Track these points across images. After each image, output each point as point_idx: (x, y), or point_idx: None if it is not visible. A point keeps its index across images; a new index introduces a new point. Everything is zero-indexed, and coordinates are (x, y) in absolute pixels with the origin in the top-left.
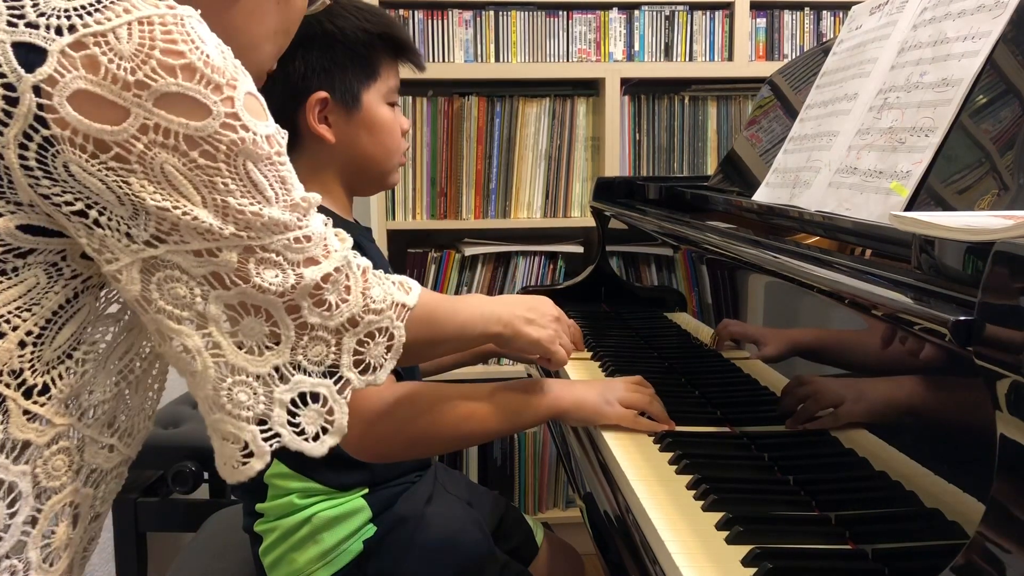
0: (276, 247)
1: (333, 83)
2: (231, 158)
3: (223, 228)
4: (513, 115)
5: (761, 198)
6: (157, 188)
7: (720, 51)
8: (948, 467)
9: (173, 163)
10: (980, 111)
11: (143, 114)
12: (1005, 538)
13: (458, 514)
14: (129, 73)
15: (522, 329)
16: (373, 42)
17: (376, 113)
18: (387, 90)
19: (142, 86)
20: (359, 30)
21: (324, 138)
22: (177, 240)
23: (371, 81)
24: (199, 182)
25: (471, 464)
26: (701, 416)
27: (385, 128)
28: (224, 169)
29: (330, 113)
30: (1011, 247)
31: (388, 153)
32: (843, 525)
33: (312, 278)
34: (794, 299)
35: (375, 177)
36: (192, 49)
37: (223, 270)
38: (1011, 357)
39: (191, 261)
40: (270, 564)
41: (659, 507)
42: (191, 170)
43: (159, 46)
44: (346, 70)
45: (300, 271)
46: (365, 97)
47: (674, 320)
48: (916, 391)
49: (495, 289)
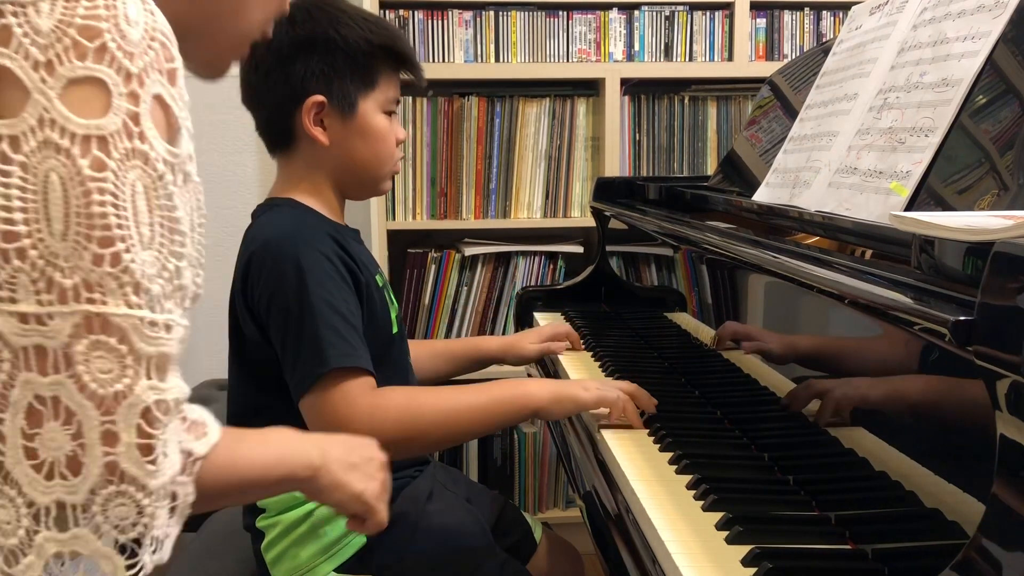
0: (123, 323)
1: (331, 88)
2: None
3: (66, 278)
4: (513, 115)
5: (761, 198)
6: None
7: (720, 51)
8: (948, 467)
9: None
10: (980, 111)
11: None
12: (1005, 538)
13: (458, 511)
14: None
15: (341, 477)
16: (374, 52)
17: (371, 121)
18: (384, 100)
19: (50, 68)
20: (361, 40)
21: (318, 140)
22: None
23: (369, 90)
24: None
25: (471, 464)
26: (701, 416)
27: (379, 136)
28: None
29: (326, 117)
30: (1011, 247)
31: (380, 161)
32: (843, 525)
33: (147, 397)
34: (794, 299)
35: (366, 183)
36: (112, 27)
37: (51, 345)
38: (1011, 357)
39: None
40: (272, 560)
41: (659, 507)
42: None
43: (77, 24)
44: (344, 77)
45: (139, 375)
46: (362, 105)
47: (674, 320)
48: (916, 391)
49: (495, 289)
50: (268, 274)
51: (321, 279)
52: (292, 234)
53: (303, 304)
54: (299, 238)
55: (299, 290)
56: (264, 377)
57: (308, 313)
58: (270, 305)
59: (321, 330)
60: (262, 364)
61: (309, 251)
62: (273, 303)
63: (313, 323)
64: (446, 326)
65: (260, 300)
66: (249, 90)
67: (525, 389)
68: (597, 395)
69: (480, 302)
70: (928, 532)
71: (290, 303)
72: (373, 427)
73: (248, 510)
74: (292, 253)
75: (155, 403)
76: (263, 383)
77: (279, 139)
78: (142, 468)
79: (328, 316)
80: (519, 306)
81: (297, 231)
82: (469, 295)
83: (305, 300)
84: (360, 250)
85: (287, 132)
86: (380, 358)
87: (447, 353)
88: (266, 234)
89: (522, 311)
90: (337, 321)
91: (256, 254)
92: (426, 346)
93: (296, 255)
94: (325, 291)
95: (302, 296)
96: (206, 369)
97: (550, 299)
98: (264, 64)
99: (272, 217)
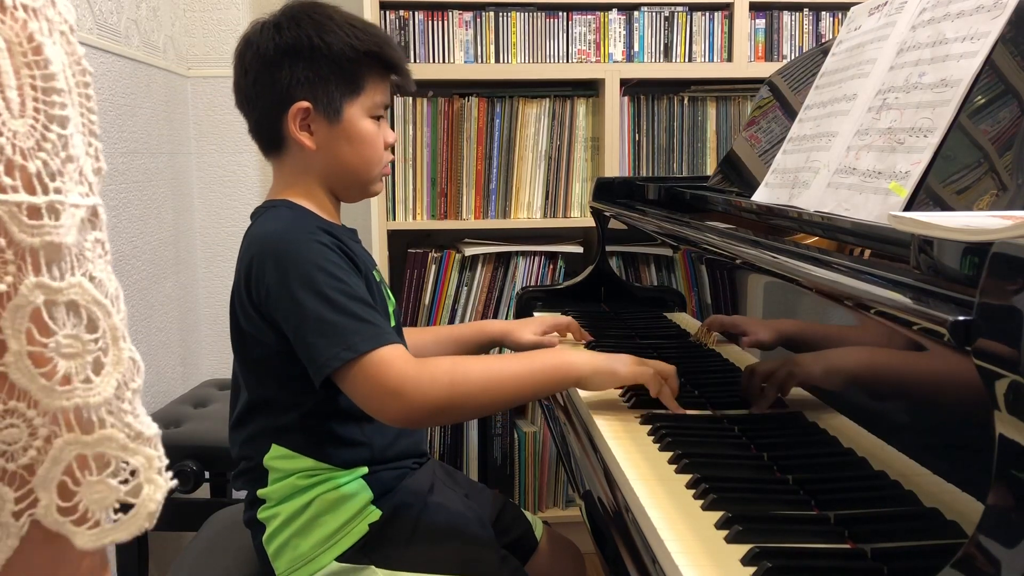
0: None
1: (316, 95)
2: None
3: None
4: (513, 115)
5: (760, 198)
6: None
7: (719, 52)
8: (947, 466)
9: None
10: (979, 111)
11: None
12: (1004, 537)
13: (458, 504)
14: None
15: None
16: (360, 59)
17: (357, 126)
18: (371, 105)
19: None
20: (347, 46)
21: (305, 145)
22: None
23: (355, 96)
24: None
25: (471, 463)
26: (701, 416)
27: (366, 141)
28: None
29: (312, 122)
30: (1009, 247)
31: (368, 165)
32: (842, 524)
33: (34, 297)
34: (793, 299)
35: (355, 186)
36: None
37: None
38: (1010, 357)
39: None
40: (274, 552)
41: (659, 506)
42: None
43: None
44: (329, 83)
45: (23, 271)
46: (347, 110)
47: (674, 320)
48: (915, 391)
49: (495, 289)
50: (272, 273)
51: (329, 269)
52: (292, 229)
53: (316, 295)
54: (299, 233)
55: (310, 283)
56: (267, 373)
57: (324, 304)
58: (279, 302)
59: (342, 318)
60: (264, 361)
61: (311, 244)
62: (283, 301)
63: (332, 313)
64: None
65: (267, 299)
66: (239, 95)
67: (568, 359)
68: (634, 371)
69: (480, 302)
70: (927, 531)
71: (302, 298)
72: (422, 390)
73: (249, 504)
74: (294, 248)
75: (44, 304)
76: (266, 379)
77: (270, 143)
78: (34, 381)
79: (343, 303)
80: (519, 306)
81: (296, 227)
82: (469, 295)
83: (318, 291)
84: (357, 248)
85: (276, 136)
86: None
87: (451, 338)
88: (267, 233)
89: (522, 311)
90: (354, 305)
91: (258, 255)
92: (430, 332)
93: (298, 249)
94: (334, 279)
95: (314, 288)
96: (206, 369)
97: (550, 299)
98: (252, 70)
99: (270, 218)
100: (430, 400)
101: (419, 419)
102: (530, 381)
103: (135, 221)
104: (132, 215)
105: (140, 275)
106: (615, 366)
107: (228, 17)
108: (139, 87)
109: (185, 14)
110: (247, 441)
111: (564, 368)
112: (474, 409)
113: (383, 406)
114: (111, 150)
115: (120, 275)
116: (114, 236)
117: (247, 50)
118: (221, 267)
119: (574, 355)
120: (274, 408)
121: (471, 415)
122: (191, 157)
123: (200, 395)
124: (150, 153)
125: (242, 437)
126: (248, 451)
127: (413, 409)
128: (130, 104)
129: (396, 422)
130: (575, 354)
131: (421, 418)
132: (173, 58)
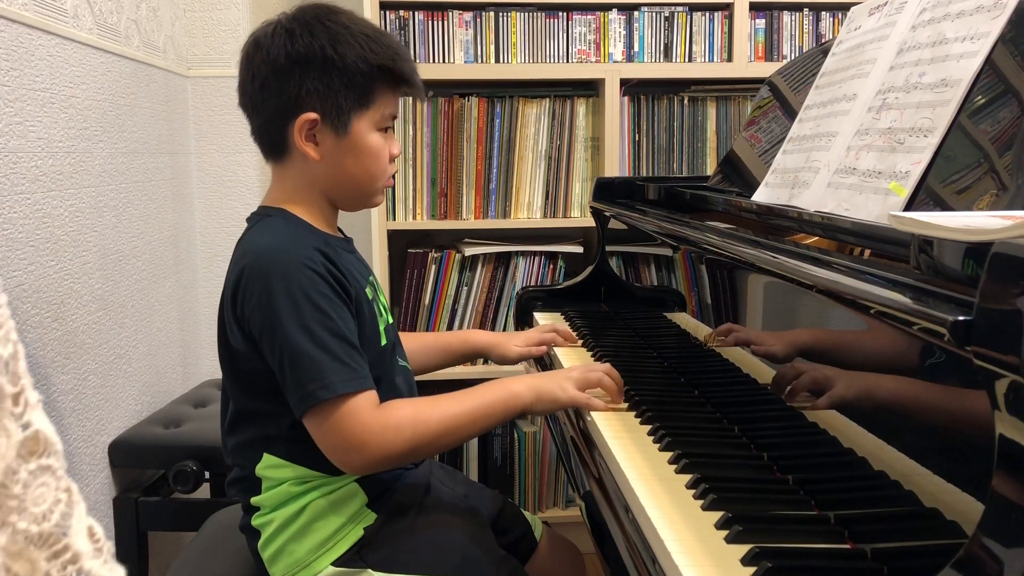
0: None
1: (325, 106)
2: None
3: None
4: (513, 115)
5: (760, 198)
6: None
7: (719, 52)
8: (947, 466)
9: None
10: (979, 111)
11: None
12: (1004, 537)
13: (457, 505)
14: None
15: None
16: (372, 73)
17: (364, 139)
18: (380, 118)
19: None
20: (360, 59)
21: (309, 156)
22: None
23: (364, 109)
24: None
25: (471, 463)
26: (700, 415)
27: (372, 154)
28: None
29: (319, 133)
30: (1009, 247)
31: (372, 177)
32: (842, 524)
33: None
34: (793, 299)
35: (357, 197)
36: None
37: None
38: (1010, 357)
39: None
40: (270, 558)
41: (659, 506)
42: None
43: None
44: (339, 96)
45: None
46: (355, 123)
47: (674, 320)
48: (915, 391)
49: (495, 289)
50: (260, 294)
51: (316, 300)
52: (283, 250)
53: (300, 328)
54: (289, 256)
55: (295, 314)
56: (254, 386)
57: (306, 338)
58: (263, 326)
59: (321, 355)
60: (250, 374)
61: (300, 271)
62: (266, 325)
63: (313, 348)
64: (446, 326)
65: (252, 319)
66: (245, 97)
67: (511, 390)
68: (573, 396)
69: (480, 302)
70: (927, 531)
71: (286, 327)
72: (385, 443)
73: (244, 509)
74: (283, 274)
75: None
76: (254, 391)
77: (272, 148)
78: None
79: (325, 340)
80: (519, 306)
81: (288, 247)
82: (469, 295)
83: (303, 324)
84: (350, 260)
85: (280, 143)
86: None
87: (437, 345)
88: (258, 247)
89: (522, 311)
90: (335, 344)
91: (248, 271)
92: (417, 339)
93: (287, 277)
94: (320, 313)
95: (299, 319)
96: (206, 369)
97: (550, 299)
98: (260, 74)
99: (264, 228)
100: (391, 452)
101: (379, 469)
102: (481, 416)
103: (135, 221)
104: (132, 215)
105: (140, 275)
106: (553, 391)
107: (228, 17)
108: (139, 87)
109: (185, 14)
110: (238, 449)
111: (511, 400)
112: (432, 452)
113: (347, 458)
114: (111, 150)
115: (120, 275)
116: (114, 236)
117: (256, 52)
118: (221, 267)
119: (518, 385)
120: (263, 418)
121: (432, 454)
122: (191, 157)
123: (200, 395)
124: (150, 153)
125: (234, 443)
126: (240, 459)
127: (375, 462)
128: (130, 104)
129: (357, 472)
130: (519, 383)
131: (381, 468)
132: (173, 58)
